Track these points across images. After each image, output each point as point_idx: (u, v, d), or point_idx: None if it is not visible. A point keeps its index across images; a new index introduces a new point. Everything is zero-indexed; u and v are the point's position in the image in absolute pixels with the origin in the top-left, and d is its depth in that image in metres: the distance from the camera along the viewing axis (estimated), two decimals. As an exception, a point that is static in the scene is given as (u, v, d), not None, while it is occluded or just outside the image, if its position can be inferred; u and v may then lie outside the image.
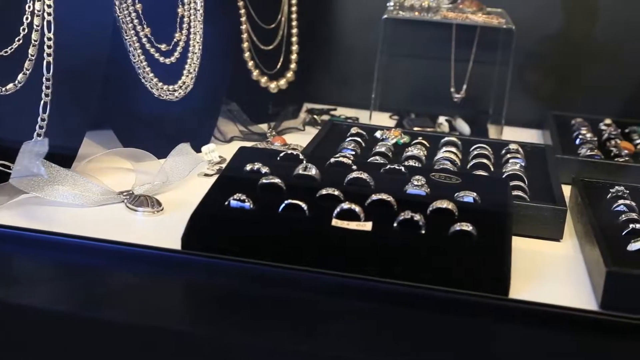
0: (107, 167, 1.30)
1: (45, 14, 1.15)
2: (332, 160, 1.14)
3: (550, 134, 1.55)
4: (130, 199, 1.15)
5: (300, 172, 1.10)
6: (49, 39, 1.15)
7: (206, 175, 1.31)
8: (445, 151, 1.37)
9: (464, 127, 1.65)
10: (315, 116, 1.65)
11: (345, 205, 1.01)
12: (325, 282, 1.00)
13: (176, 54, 1.38)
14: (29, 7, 1.14)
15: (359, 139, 1.42)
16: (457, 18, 1.51)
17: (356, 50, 1.76)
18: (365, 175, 1.09)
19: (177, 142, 1.30)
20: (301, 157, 1.14)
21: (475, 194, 1.07)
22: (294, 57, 1.65)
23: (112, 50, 1.26)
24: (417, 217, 0.99)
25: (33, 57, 1.15)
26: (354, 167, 1.13)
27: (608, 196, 1.23)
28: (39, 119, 1.17)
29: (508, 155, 1.39)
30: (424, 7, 1.56)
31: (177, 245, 1.04)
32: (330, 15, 1.78)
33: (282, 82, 1.63)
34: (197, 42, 1.40)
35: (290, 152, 1.15)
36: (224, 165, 1.24)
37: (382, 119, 1.74)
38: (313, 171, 1.10)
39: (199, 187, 1.16)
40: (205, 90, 1.42)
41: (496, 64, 1.73)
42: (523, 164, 1.36)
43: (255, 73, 1.59)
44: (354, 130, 1.46)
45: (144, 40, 1.33)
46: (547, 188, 1.25)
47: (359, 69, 1.75)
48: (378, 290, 0.99)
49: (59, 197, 1.11)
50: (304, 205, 1.02)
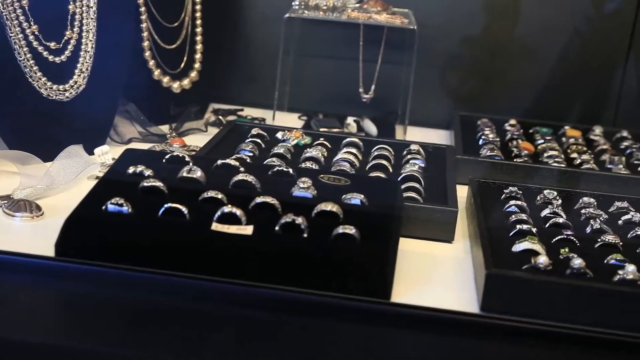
0: (-10, 171, 1.24)
1: None
2: (219, 162, 1.11)
3: (454, 135, 1.55)
4: (8, 204, 1.10)
5: (184, 174, 1.07)
6: None
7: (97, 178, 1.27)
8: (345, 152, 1.36)
9: (371, 127, 1.64)
10: (220, 117, 1.62)
11: (227, 208, 0.98)
12: (205, 288, 0.97)
13: (67, 53, 1.33)
14: None
15: (258, 140, 1.39)
16: (359, 18, 1.49)
17: (265, 50, 1.73)
18: (250, 178, 1.06)
19: (68, 144, 1.26)
20: (187, 159, 1.11)
21: (362, 196, 1.05)
22: (198, 56, 1.61)
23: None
24: (299, 220, 0.97)
25: None
26: (242, 169, 1.10)
27: (502, 197, 1.23)
28: None
29: (408, 156, 1.38)
30: (329, 7, 1.55)
31: (52, 252, 1.00)
32: (237, 14, 1.75)
33: (186, 82, 1.59)
34: (90, 41, 1.35)
35: (176, 154, 1.11)
36: (115, 168, 1.20)
37: (291, 119, 1.72)
38: (198, 173, 1.07)
39: (86, 191, 1.12)
40: (100, 90, 1.37)
41: (404, 64, 1.73)
42: (422, 165, 1.35)
43: (157, 73, 1.54)
44: (254, 131, 1.43)
45: (31, 37, 1.28)
46: (444, 189, 1.25)
47: (268, 69, 1.72)
48: (259, 296, 0.96)
49: None
50: (184, 209, 0.99)
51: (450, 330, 0.93)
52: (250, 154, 1.33)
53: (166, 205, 0.99)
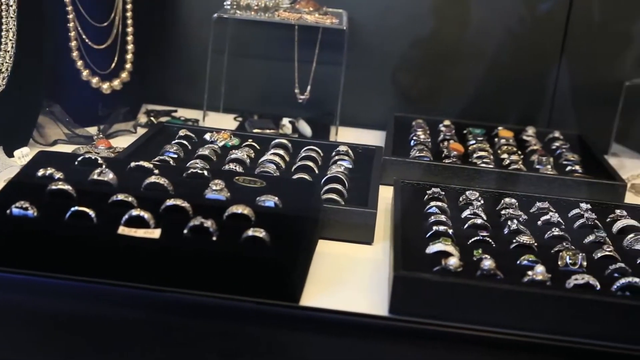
0: None
1: None
2: (133, 164, 1.09)
3: (386, 136, 1.54)
4: None
5: (95, 177, 1.04)
6: None
7: (16, 181, 1.24)
8: (271, 154, 1.34)
9: (305, 128, 1.63)
10: (152, 118, 1.59)
11: (134, 212, 0.97)
12: (112, 292, 0.95)
13: (-15, 52, 1.30)
14: None
15: (185, 142, 1.37)
16: (289, 18, 1.48)
17: (200, 50, 1.70)
18: (163, 180, 1.04)
19: (-13, 146, 1.23)
20: (100, 161, 1.08)
21: (276, 198, 1.04)
22: (129, 56, 1.59)
23: None
24: (207, 223, 0.95)
25: None
26: (156, 171, 1.08)
27: (425, 198, 1.23)
28: None
29: (336, 157, 1.37)
30: (261, 7, 1.53)
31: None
32: (173, 14, 1.73)
33: (116, 83, 1.56)
34: (10, 40, 1.32)
35: (88, 156, 1.09)
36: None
37: (226, 120, 1.70)
38: (109, 176, 1.05)
39: (0, 194, 1.09)
40: (21, 90, 1.34)
41: (340, 65, 1.72)
42: (349, 166, 1.34)
43: (85, 73, 1.51)
44: (182, 132, 1.41)
45: (-55, 37, 1.25)
46: (368, 191, 1.24)
47: (204, 69, 1.70)
48: (167, 300, 0.95)
49: None
50: (91, 212, 0.97)
51: (358, 333, 0.93)
52: (175, 156, 1.31)
53: (73, 209, 0.97)
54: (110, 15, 1.56)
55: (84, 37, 1.51)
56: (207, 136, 1.41)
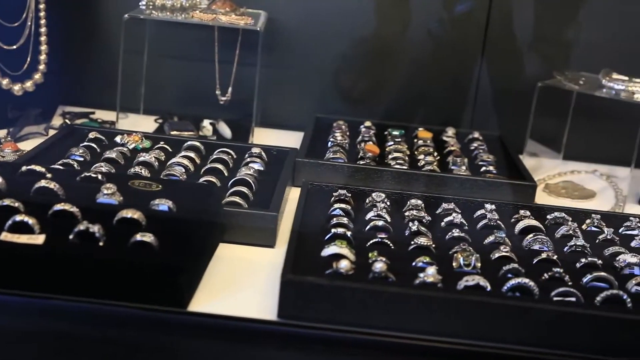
0: None
1: None
2: (24, 168, 1.06)
3: (304, 137, 1.53)
4: None
5: (-18, 182, 1.02)
6: None
7: None
8: (181, 156, 1.32)
9: (225, 130, 1.61)
10: (67, 120, 1.56)
11: (18, 217, 0.94)
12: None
13: None
14: None
15: (93, 145, 1.35)
16: (203, 19, 1.46)
17: (119, 51, 1.68)
18: (53, 184, 1.02)
19: None
20: (-10, 165, 1.06)
21: (170, 202, 1.02)
22: (42, 57, 1.55)
23: None
24: (94, 228, 0.93)
25: None
26: (48, 175, 1.05)
27: (331, 200, 1.22)
28: None
29: (248, 160, 1.36)
30: (177, 7, 1.51)
31: None
32: (89, 14, 1.70)
33: (29, 84, 1.53)
34: None
35: (-22, 160, 1.06)
36: None
37: (146, 122, 1.67)
38: (-2, 180, 1.02)
39: None
40: None
41: (262, 66, 1.71)
42: (261, 169, 1.33)
43: (-5, 74, 1.48)
44: (92, 135, 1.38)
45: None
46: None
47: (125, 70, 1.67)
48: (55, 307, 0.92)
49: None
50: (-26, 218, 0.94)
51: (246, 338, 0.92)
52: (81, 159, 1.28)
53: (-46, 215, 0.94)
54: (22, 15, 1.53)
55: (-6, 37, 1.48)
56: (118, 138, 1.39)
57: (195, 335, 0.91)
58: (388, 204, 1.21)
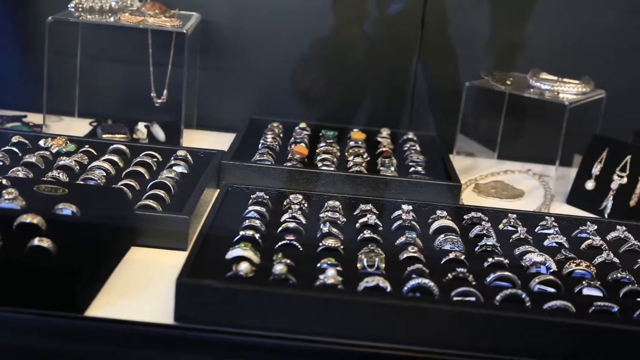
0: None
1: None
2: None
3: (234, 139, 1.53)
4: None
5: None
6: None
7: None
8: (104, 160, 1.32)
9: (159, 133, 1.61)
10: (-4, 124, 1.55)
11: None
12: None
13: None
14: None
15: (15, 149, 1.33)
16: (130, 21, 1.46)
17: (54, 54, 1.67)
18: (-45, 190, 1.01)
19: None
20: None
21: (74, 206, 1.02)
22: (-27, 61, 1.55)
23: None
24: (-10, 234, 0.93)
25: None
26: (-49, 180, 1.05)
27: (249, 202, 1.22)
28: None
29: (172, 162, 1.35)
30: (105, 10, 1.50)
31: None
32: (25, 15, 1.68)
33: (-43, 88, 1.52)
34: None
35: None
36: None
37: (81, 125, 1.66)
38: None
39: None
40: None
41: (199, 68, 1.71)
42: (184, 171, 1.33)
43: None
44: (15, 139, 1.37)
45: None
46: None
47: (60, 73, 1.66)
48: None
49: None
50: None
51: (143, 342, 0.91)
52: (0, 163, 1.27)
53: None
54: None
55: None
56: (42, 142, 1.38)
57: (91, 340, 0.91)
58: (305, 205, 1.21)
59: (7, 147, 1.33)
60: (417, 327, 0.91)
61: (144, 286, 1.01)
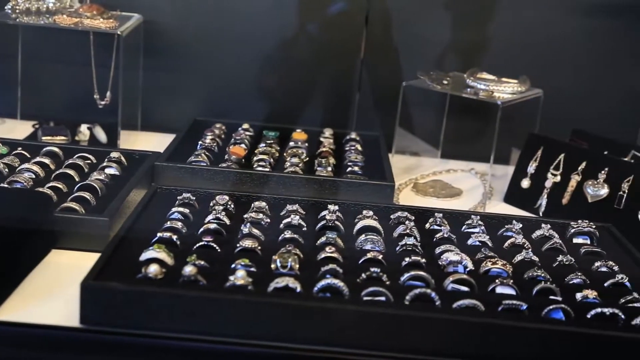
0: None
1: None
2: None
3: (173, 140, 1.52)
4: None
5: None
6: None
7: None
8: (34, 162, 1.31)
9: (101, 134, 1.60)
10: None
11: None
12: None
13: None
14: None
15: (-56, 152, 1.34)
16: (65, 23, 1.45)
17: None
18: None
19: None
20: None
21: (-12, 209, 1.02)
22: None
23: None
24: None
25: None
26: None
27: (176, 203, 1.22)
28: None
29: (104, 164, 1.35)
30: (42, 11, 1.50)
31: None
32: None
33: None
34: None
35: None
36: None
37: (24, 127, 1.65)
38: None
39: None
40: None
41: (144, 69, 1.71)
42: (116, 173, 1.32)
43: None
44: (-57, 142, 1.37)
45: None
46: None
47: (1, 75, 1.65)
48: None
49: None
50: None
51: (50, 346, 0.91)
52: None
53: None
54: None
55: None
56: (-27, 145, 1.38)
57: (6, 344, 0.90)
58: (232, 206, 1.21)
59: (-64, 151, 1.33)
60: (322, 327, 0.91)
61: (58, 289, 1.01)
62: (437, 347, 0.92)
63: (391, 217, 1.22)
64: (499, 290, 1.01)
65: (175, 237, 1.06)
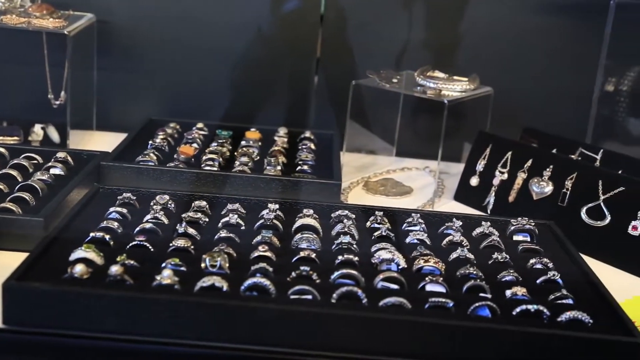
0: None
1: None
2: None
3: (123, 140, 1.52)
4: None
5: None
6: None
7: None
8: (-21, 163, 1.32)
9: (54, 134, 1.60)
10: None
11: None
12: None
13: None
14: None
15: None
16: (11, 22, 1.45)
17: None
18: None
19: None
20: None
21: None
22: None
23: None
24: None
25: None
26: None
27: (116, 203, 1.22)
28: None
29: (50, 164, 1.35)
30: (-8, 11, 1.50)
31: None
32: None
33: None
34: None
35: None
36: None
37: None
38: None
39: None
40: None
41: (100, 69, 1.70)
42: (61, 173, 1.32)
43: None
44: None
45: None
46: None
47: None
48: None
49: None
50: None
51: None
52: None
53: None
54: None
55: None
56: None
57: None
58: (172, 206, 1.21)
59: None
60: (245, 326, 0.91)
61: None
62: (362, 345, 0.92)
63: (332, 215, 1.23)
64: (429, 288, 1.01)
65: (108, 237, 1.06)
